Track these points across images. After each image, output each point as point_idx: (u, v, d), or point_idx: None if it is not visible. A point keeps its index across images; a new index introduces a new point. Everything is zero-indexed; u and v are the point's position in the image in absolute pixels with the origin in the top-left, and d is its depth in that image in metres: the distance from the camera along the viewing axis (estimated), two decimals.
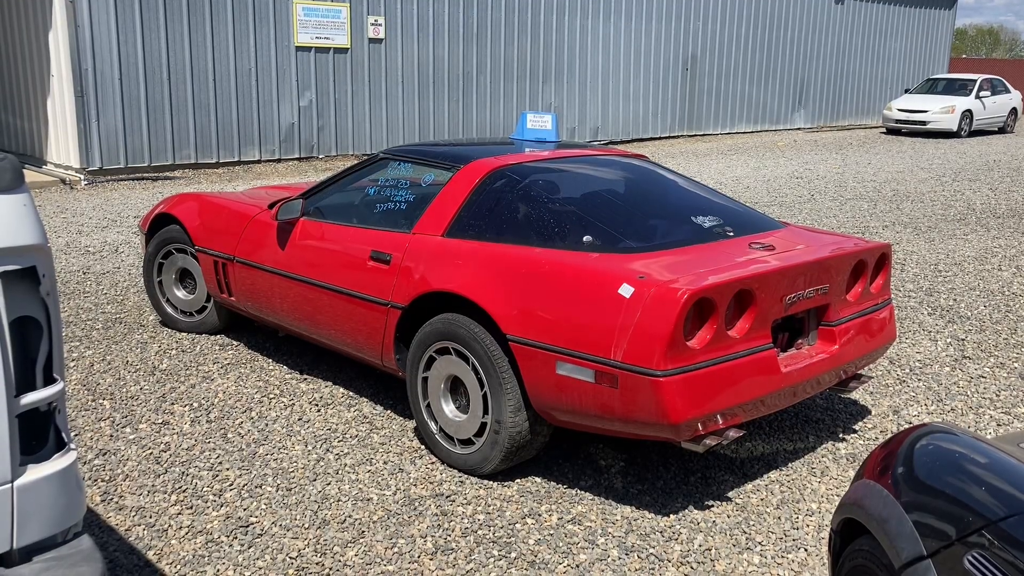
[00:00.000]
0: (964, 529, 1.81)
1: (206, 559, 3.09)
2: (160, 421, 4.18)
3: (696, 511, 3.47)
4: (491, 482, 3.66)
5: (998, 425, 4.32)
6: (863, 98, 23.49)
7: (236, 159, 12.66)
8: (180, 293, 5.36)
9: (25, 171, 12.42)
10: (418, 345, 3.79)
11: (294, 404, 4.39)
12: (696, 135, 19.25)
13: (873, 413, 4.44)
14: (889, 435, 4.18)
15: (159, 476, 3.66)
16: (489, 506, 3.47)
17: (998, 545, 1.73)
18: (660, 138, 18.53)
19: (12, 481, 1.74)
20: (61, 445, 1.85)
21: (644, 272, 3.27)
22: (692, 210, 4.06)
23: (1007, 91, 21.99)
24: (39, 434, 1.83)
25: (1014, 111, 22.08)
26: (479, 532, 3.28)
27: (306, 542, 3.20)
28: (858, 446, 4.07)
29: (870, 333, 3.97)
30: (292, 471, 3.72)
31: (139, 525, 3.29)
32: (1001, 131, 22.08)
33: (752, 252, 3.64)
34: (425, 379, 3.83)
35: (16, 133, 12.93)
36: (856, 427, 4.27)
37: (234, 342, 5.25)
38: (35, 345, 1.79)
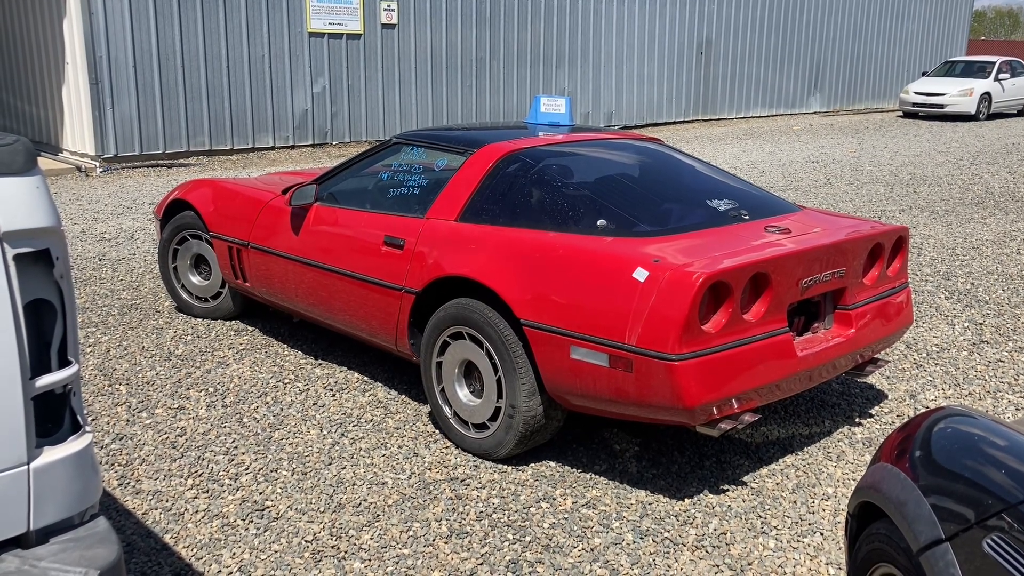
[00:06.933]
0: (983, 512, 1.80)
1: (222, 542, 3.10)
2: (176, 406, 4.20)
3: (711, 495, 3.46)
4: (505, 466, 3.66)
5: (1016, 409, 4.28)
6: (880, 81, 23.27)
7: (250, 146, 12.68)
8: (195, 279, 5.38)
9: (41, 159, 12.40)
10: (432, 330, 3.79)
11: (309, 389, 4.41)
12: (711, 119, 19.14)
13: (890, 397, 4.41)
14: (906, 419, 4.16)
15: (175, 460, 3.68)
16: (504, 490, 3.47)
17: (1018, 528, 1.71)
18: (675, 122, 18.43)
19: (28, 463, 1.74)
20: (77, 428, 1.86)
21: (659, 256, 3.25)
22: (707, 193, 4.03)
23: None
24: (55, 417, 1.83)
25: None
26: (494, 516, 3.28)
27: (321, 526, 3.21)
28: (874, 430, 4.05)
29: (887, 317, 3.94)
30: (307, 455, 3.73)
31: (156, 509, 3.31)
32: (1021, 114, 21.84)
33: (768, 235, 3.61)
34: (439, 364, 3.83)
35: (32, 121, 12.99)
36: (872, 411, 4.25)
37: (249, 327, 5.27)
38: (50, 328, 1.79)
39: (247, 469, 3.61)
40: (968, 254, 7.25)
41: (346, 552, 3.06)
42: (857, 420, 4.15)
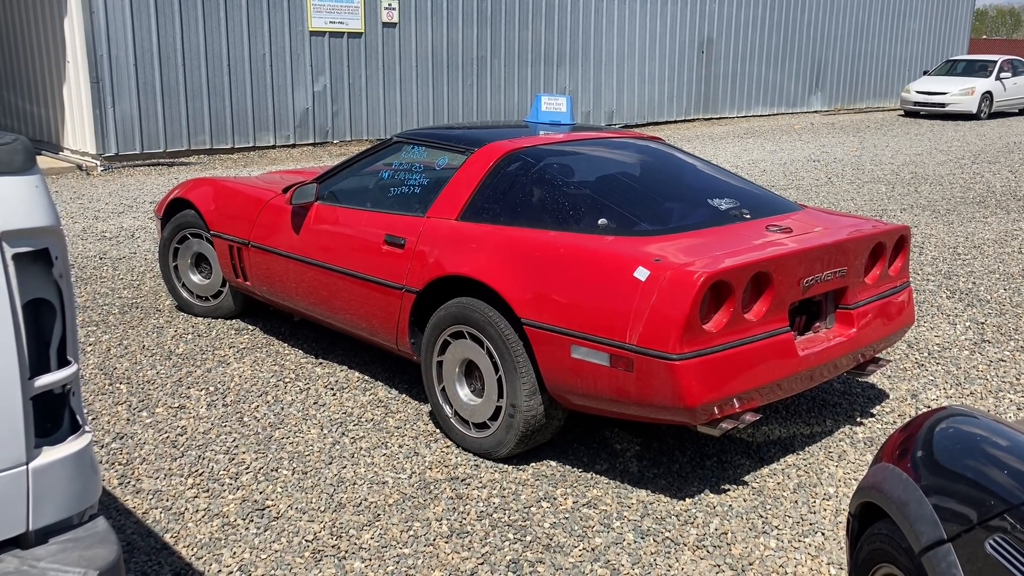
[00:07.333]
0: (985, 513, 1.79)
1: (222, 542, 3.10)
2: (176, 405, 4.20)
3: (712, 495, 3.45)
4: (506, 465, 3.65)
5: (1018, 409, 4.28)
6: (881, 80, 23.25)
7: (251, 144, 12.67)
8: (196, 278, 5.38)
9: (42, 157, 12.36)
10: (433, 329, 3.79)
11: (309, 388, 4.40)
12: (712, 118, 19.12)
13: (891, 397, 4.40)
14: (907, 419, 4.15)
15: (176, 459, 3.68)
16: (504, 489, 3.46)
17: (1020, 529, 1.70)
18: (676, 121, 18.41)
19: (27, 463, 1.74)
20: (76, 427, 1.85)
21: (660, 255, 3.24)
22: (708, 192, 4.03)
23: None
24: (54, 416, 1.83)
25: None
26: (494, 515, 3.28)
27: (322, 525, 3.21)
28: (876, 430, 4.04)
29: (888, 316, 3.93)
30: (308, 454, 3.73)
31: (156, 508, 3.31)
32: (1022, 113, 21.80)
33: (769, 235, 3.60)
34: (440, 363, 3.82)
35: (32, 119, 12.98)
36: (874, 411, 4.24)
37: (249, 326, 5.27)
38: (49, 328, 1.79)
39: (247, 468, 3.61)
40: (970, 253, 7.24)
41: (346, 552, 3.05)
42: (858, 420, 4.15)
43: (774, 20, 19.88)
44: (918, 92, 20.10)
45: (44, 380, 1.76)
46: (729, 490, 3.49)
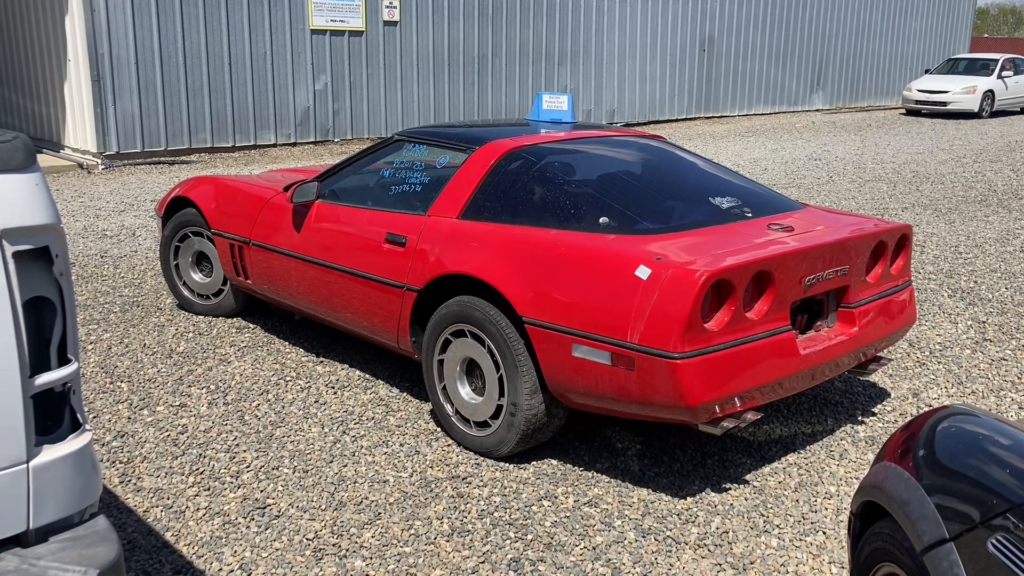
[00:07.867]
0: (988, 512, 1.78)
1: (223, 540, 3.10)
2: (177, 403, 4.20)
3: (713, 494, 3.45)
4: (507, 464, 3.65)
5: (1020, 408, 4.27)
6: (882, 79, 23.23)
7: (252, 143, 12.67)
8: (197, 276, 5.37)
9: (42, 155, 12.34)
10: (434, 328, 3.78)
11: (310, 386, 4.40)
12: (713, 117, 19.11)
13: (892, 396, 4.40)
14: (909, 418, 4.15)
15: (176, 458, 3.68)
16: (505, 488, 3.46)
17: (1022, 528, 1.70)
18: (677, 120, 18.40)
19: (28, 462, 1.74)
20: (76, 426, 1.85)
21: (661, 254, 3.24)
22: (710, 191, 4.02)
23: None
24: (54, 415, 1.82)
25: None
26: (495, 514, 3.28)
27: (323, 524, 3.20)
28: (877, 429, 4.03)
29: (890, 315, 3.93)
30: (309, 453, 3.73)
31: (157, 506, 3.31)
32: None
33: (771, 233, 3.60)
34: (441, 361, 3.82)
35: (33, 117, 12.98)
36: (875, 410, 4.24)
37: (250, 325, 5.27)
38: (49, 326, 1.79)
39: (248, 467, 3.61)
40: (971, 252, 7.24)
41: (347, 550, 3.05)
42: (860, 418, 4.14)
43: (775, 18, 19.86)
44: (920, 91, 20.08)
45: (44, 378, 1.76)
46: (730, 489, 3.49)
